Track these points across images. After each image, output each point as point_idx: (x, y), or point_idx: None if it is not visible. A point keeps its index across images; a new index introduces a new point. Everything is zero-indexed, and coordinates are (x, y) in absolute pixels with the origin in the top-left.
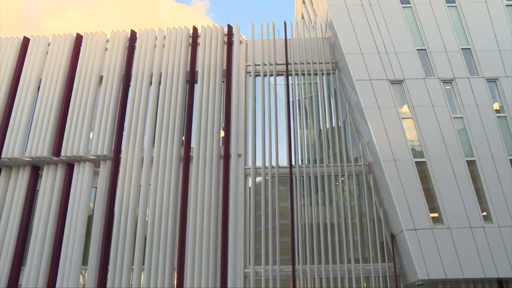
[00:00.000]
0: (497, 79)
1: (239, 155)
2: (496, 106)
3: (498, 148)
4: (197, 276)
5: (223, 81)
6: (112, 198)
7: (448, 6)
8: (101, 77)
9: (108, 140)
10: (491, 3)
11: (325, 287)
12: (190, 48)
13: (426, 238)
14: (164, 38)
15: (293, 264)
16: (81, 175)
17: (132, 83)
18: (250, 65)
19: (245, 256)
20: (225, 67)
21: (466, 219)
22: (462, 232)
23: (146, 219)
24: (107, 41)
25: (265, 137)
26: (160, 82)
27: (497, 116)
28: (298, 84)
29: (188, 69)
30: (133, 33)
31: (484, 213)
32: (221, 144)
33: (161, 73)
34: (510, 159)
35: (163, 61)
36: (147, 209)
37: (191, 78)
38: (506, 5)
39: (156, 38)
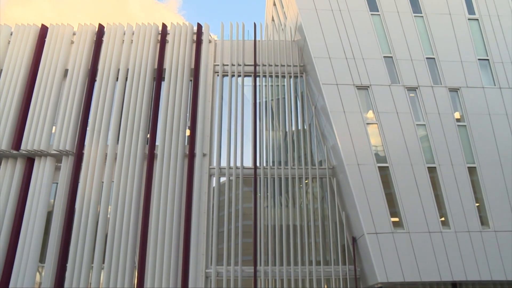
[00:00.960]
0: (458, 89)
1: (204, 155)
2: (457, 115)
3: (458, 156)
4: (158, 276)
5: (191, 80)
6: (73, 194)
7: (414, 16)
8: (66, 71)
9: (71, 135)
10: (455, 16)
11: None
12: (158, 45)
13: (386, 242)
14: (133, 33)
15: (255, 265)
16: (42, 170)
17: (98, 78)
18: (218, 65)
19: (207, 256)
20: (193, 66)
21: (425, 224)
22: (421, 237)
23: (108, 216)
24: (74, 34)
25: (231, 138)
26: (126, 78)
27: (458, 125)
28: (265, 85)
29: (156, 66)
30: (101, 27)
31: (442, 219)
32: (186, 143)
33: (128, 69)
34: (468, 167)
35: (131, 57)
36: (109, 207)
37: (158, 75)
38: (469, 19)
39: (124, 34)
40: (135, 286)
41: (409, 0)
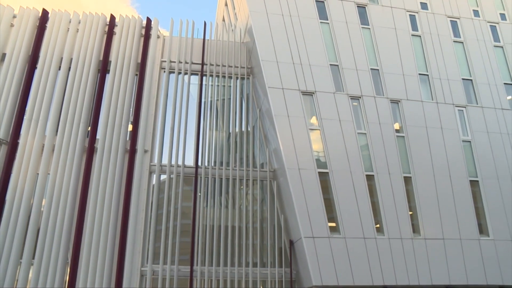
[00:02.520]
0: (399, 101)
1: (145, 151)
2: (396, 126)
3: (395, 165)
4: (91, 273)
5: (136, 75)
6: (5, 185)
7: (362, 27)
8: (4, 55)
9: (6, 123)
10: (399, 31)
11: None
12: (105, 36)
13: (322, 246)
14: (79, 22)
15: (192, 264)
16: None
17: (39, 66)
18: (165, 61)
19: (143, 254)
20: (139, 60)
21: (361, 230)
22: (356, 242)
23: (42, 210)
24: (14, 17)
25: (174, 135)
26: (70, 68)
27: (397, 136)
28: (212, 85)
29: (101, 58)
30: (45, 13)
31: (377, 225)
32: (128, 139)
33: (72, 59)
34: (404, 176)
35: (75, 47)
36: (43, 200)
37: (103, 67)
38: (412, 35)
39: (70, 22)
40: (66, 284)
41: (358, 12)
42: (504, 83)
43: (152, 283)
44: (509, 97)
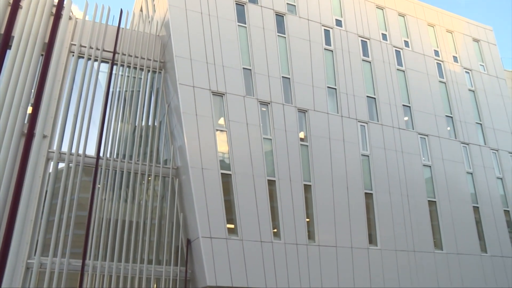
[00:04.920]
0: (306, 111)
1: (44, 136)
2: (301, 135)
3: (296, 173)
4: None
5: (42, 55)
6: None
7: (278, 35)
8: None
9: None
10: (313, 43)
11: (113, 285)
12: (9, 8)
13: (219, 247)
14: None
15: (84, 258)
16: None
17: None
18: (75, 45)
19: (31, 245)
20: (47, 40)
21: (258, 233)
22: (252, 245)
23: None
24: None
25: (77, 123)
26: None
27: (301, 144)
28: (122, 75)
29: (2, 31)
30: None
31: (275, 230)
32: (26, 121)
33: None
34: (304, 184)
35: None
36: None
37: (4, 42)
38: (325, 49)
39: None
40: None
41: (276, 19)
42: (403, 105)
43: (38, 277)
44: (405, 118)
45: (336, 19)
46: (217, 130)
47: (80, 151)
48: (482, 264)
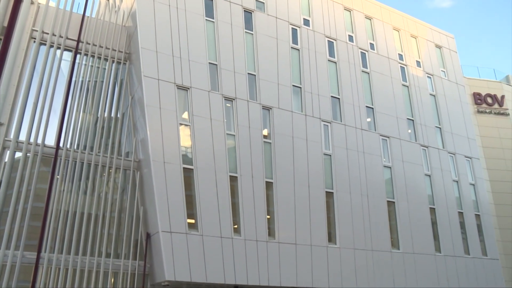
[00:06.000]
0: (271, 108)
1: (0, 124)
2: (265, 132)
3: (259, 170)
4: None
5: (0, 39)
6: None
7: (246, 31)
8: None
9: None
10: (280, 41)
11: (70, 279)
12: None
13: (179, 241)
14: None
15: (39, 251)
16: None
17: None
18: (37, 31)
19: None
20: (6, 24)
21: (219, 229)
22: (212, 240)
23: None
24: None
25: (36, 111)
26: None
27: (264, 141)
28: (85, 65)
29: None
30: None
31: (235, 226)
32: None
33: None
34: (266, 181)
35: None
36: None
37: None
38: (291, 47)
39: None
40: None
41: (244, 16)
42: (366, 106)
43: None
44: (368, 119)
45: (304, 19)
46: (180, 124)
47: (39, 141)
48: (436, 264)
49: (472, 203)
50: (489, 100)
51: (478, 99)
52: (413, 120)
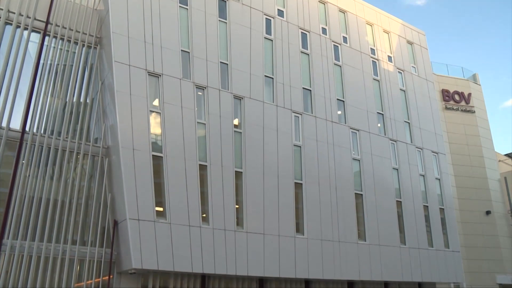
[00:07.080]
0: (242, 98)
1: None
2: (236, 121)
3: (228, 159)
4: None
5: None
6: None
7: (219, 20)
8: None
9: None
10: (254, 31)
11: (33, 266)
12: None
13: (147, 229)
14: None
15: (1, 237)
16: None
17: None
18: (2, 10)
19: None
20: None
21: (187, 218)
22: (180, 229)
23: None
24: None
25: (1, 94)
26: None
27: (235, 131)
28: (54, 47)
29: None
30: None
31: (204, 215)
32: None
33: None
34: (235, 171)
35: None
36: None
37: None
38: (265, 38)
39: None
40: None
41: (218, 4)
42: (337, 99)
43: None
44: (339, 112)
45: (278, 9)
46: (151, 111)
47: (3, 124)
48: (401, 256)
49: (437, 197)
50: (457, 97)
51: (446, 96)
52: (382, 114)
